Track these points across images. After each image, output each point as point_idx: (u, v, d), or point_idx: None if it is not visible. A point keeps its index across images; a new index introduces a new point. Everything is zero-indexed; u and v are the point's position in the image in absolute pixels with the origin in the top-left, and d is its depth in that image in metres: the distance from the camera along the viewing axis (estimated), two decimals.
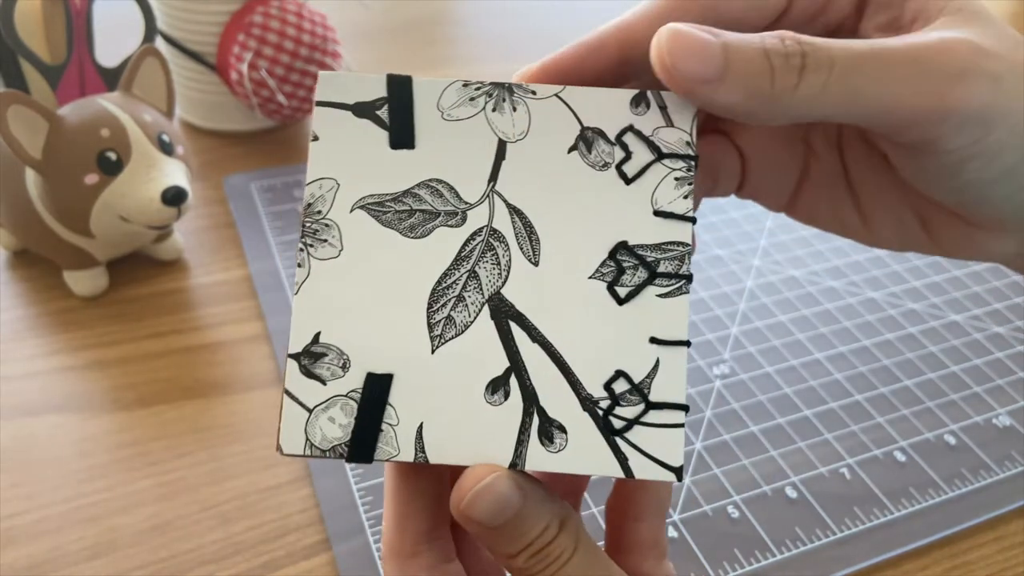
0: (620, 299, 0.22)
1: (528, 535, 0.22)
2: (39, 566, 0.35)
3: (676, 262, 0.23)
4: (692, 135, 0.23)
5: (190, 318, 0.47)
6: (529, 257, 0.22)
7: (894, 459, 0.41)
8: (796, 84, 0.21)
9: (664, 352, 0.22)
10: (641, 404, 0.22)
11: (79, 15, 0.45)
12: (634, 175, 0.23)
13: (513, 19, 0.81)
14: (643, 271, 0.22)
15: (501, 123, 0.23)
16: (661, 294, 0.22)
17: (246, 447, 0.40)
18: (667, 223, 0.23)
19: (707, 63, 0.21)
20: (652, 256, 0.23)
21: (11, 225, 0.47)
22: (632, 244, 0.23)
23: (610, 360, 0.22)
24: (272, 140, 0.61)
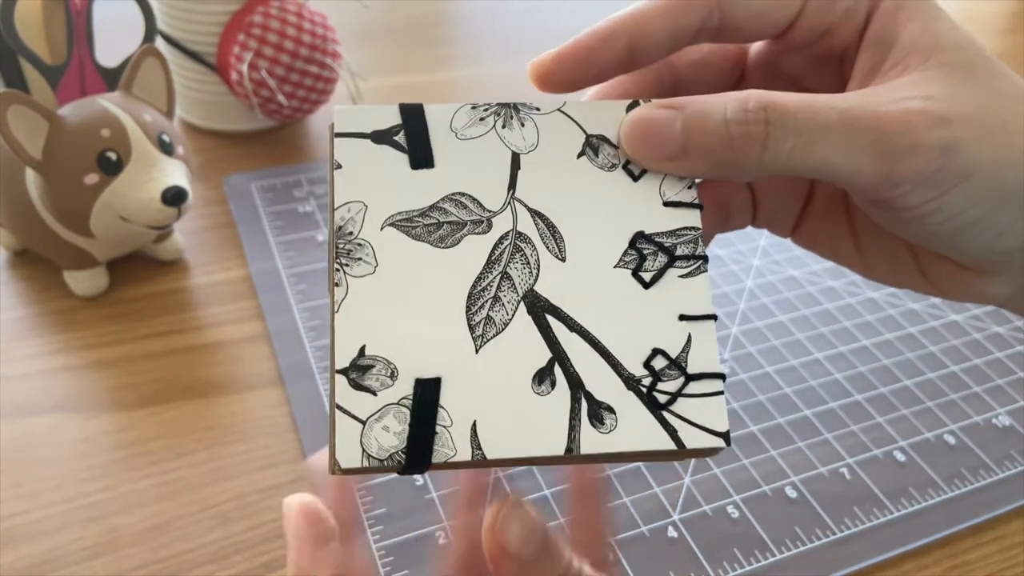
0: (645, 283, 0.23)
1: (561, 559, 0.23)
2: (39, 566, 0.35)
3: (691, 244, 0.24)
4: None
5: (190, 318, 0.47)
6: (556, 254, 0.24)
7: (894, 459, 0.41)
8: (759, 153, 0.23)
9: (694, 327, 0.23)
10: (681, 377, 0.23)
11: (79, 15, 0.45)
12: (640, 172, 0.24)
13: (513, 19, 0.81)
14: (663, 255, 0.24)
15: (512, 138, 0.24)
16: (683, 275, 0.24)
17: (246, 447, 0.40)
18: (677, 211, 0.24)
19: (667, 144, 0.23)
20: (669, 242, 0.24)
21: (11, 225, 0.47)
22: (649, 233, 0.24)
23: (645, 340, 0.23)
24: (272, 140, 0.61)
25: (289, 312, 0.47)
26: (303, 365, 0.44)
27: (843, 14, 0.26)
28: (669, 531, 0.37)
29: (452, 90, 0.69)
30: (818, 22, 0.26)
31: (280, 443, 0.40)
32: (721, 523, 0.38)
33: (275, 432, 0.41)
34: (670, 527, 0.37)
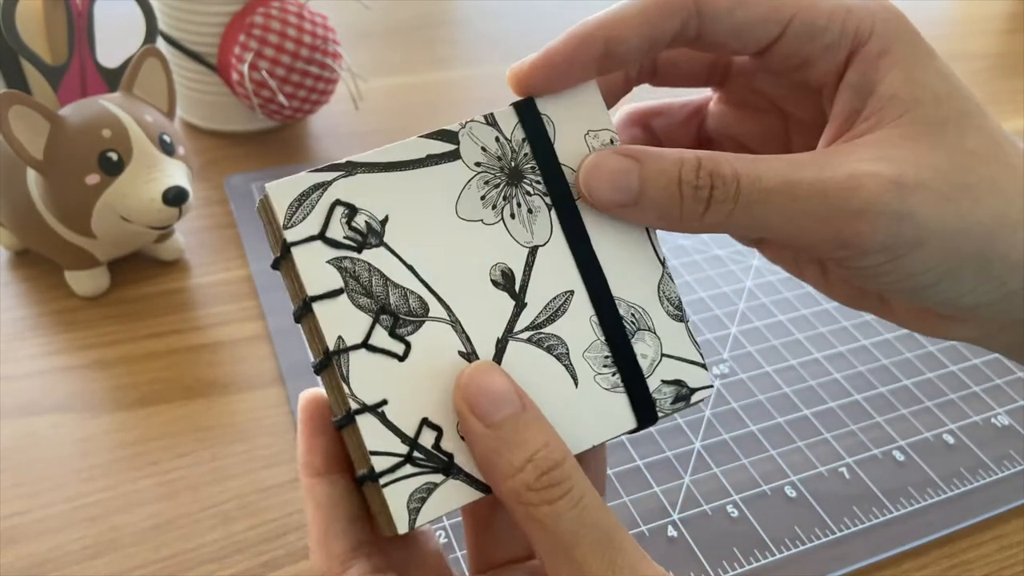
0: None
1: (530, 443, 0.23)
2: (40, 565, 0.35)
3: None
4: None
5: (191, 318, 0.47)
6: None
7: (893, 458, 0.41)
8: (703, 213, 0.24)
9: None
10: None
11: (80, 16, 0.45)
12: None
13: (513, 20, 0.81)
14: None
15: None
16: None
17: (246, 446, 0.40)
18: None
19: (623, 193, 0.24)
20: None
21: (13, 225, 0.47)
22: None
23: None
24: (273, 140, 0.61)
25: (289, 312, 0.47)
26: (303, 365, 0.44)
27: (823, 49, 0.25)
28: (669, 531, 0.37)
29: (452, 90, 0.69)
30: (797, 50, 0.25)
31: (280, 443, 0.41)
32: (721, 523, 0.38)
33: (275, 432, 0.41)
34: (670, 526, 0.38)
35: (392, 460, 0.24)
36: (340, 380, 0.24)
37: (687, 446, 0.41)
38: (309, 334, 0.25)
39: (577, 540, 0.22)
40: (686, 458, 0.41)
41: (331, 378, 0.24)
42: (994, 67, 0.79)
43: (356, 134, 0.63)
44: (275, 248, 0.25)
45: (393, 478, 0.23)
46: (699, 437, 0.42)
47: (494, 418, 0.23)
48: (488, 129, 0.25)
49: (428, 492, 0.24)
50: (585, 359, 0.26)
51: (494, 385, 0.23)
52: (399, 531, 0.23)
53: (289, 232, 0.24)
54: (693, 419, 0.43)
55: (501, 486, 0.23)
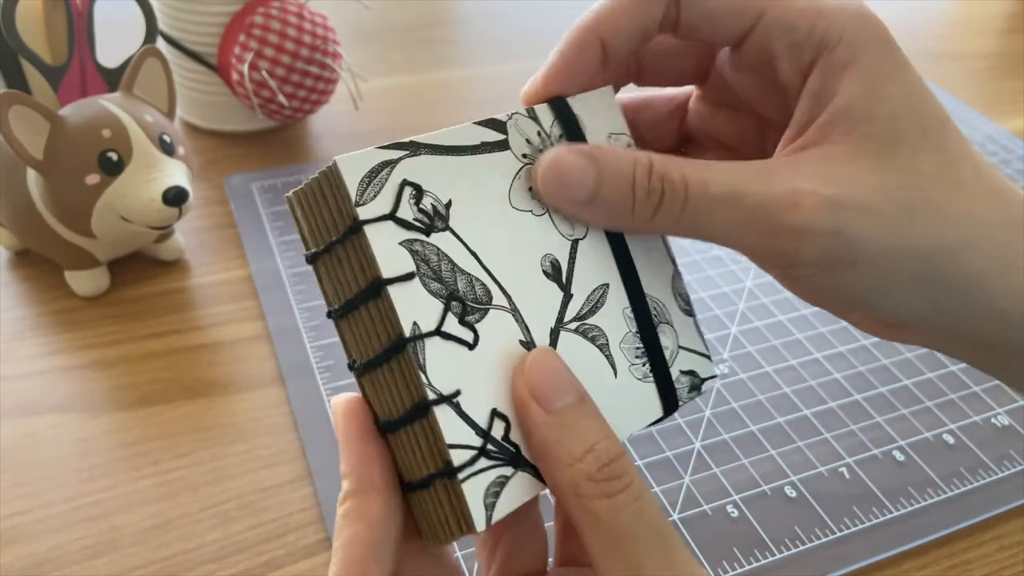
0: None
1: (590, 434, 0.22)
2: (40, 565, 0.35)
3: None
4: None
5: (191, 318, 0.47)
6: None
7: (893, 458, 0.41)
8: (652, 216, 0.24)
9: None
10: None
11: (80, 16, 0.45)
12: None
13: (513, 20, 0.81)
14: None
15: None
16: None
17: (246, 447, 0.40)
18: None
19: (579, 191, 0.24)
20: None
21: (13, 225, 0.47)
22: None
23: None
24: (273, 140, 0.61)
25: (289, 312, 0.47)
26: (303, 365, 0.44)
27: (790, 47, 0.25)
28: None
29: (452, 90, 0.69)
30: (766, 45, 0.26)
31: (280, 443, 0.41)
32: (721, 522, 0.38)
33: (275, 432, 0.41)
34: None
35: (469, 453, 0.22)
36: (415, 369, 0.22)
37: (687, 446, 0.41)
38: (364, 326, 0.23)
39: (635, 537, 0.22)
40: (686, 458, 0.41)
41: (390, 373, 0.23)
42: (994, 67, 0.79)
43: (356, 134, 0.63)
44: (328, 232, 0.23)
45: (471, 472, 0.22)
46: (699, 437, 0.42)
47: (555, 405, 0.23)
48: (530, 122, 0.26)
49: (501, 486, 0.23)
50: (621, 350, 0.26)
51: (556, 372, 0.23)
52: (477, 528, 0.22)
53: (362, 209, 0.22)
54: (693, 419, 0.43)
55: (558, 476, 0.22)
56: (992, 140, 0.67)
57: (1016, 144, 0.67)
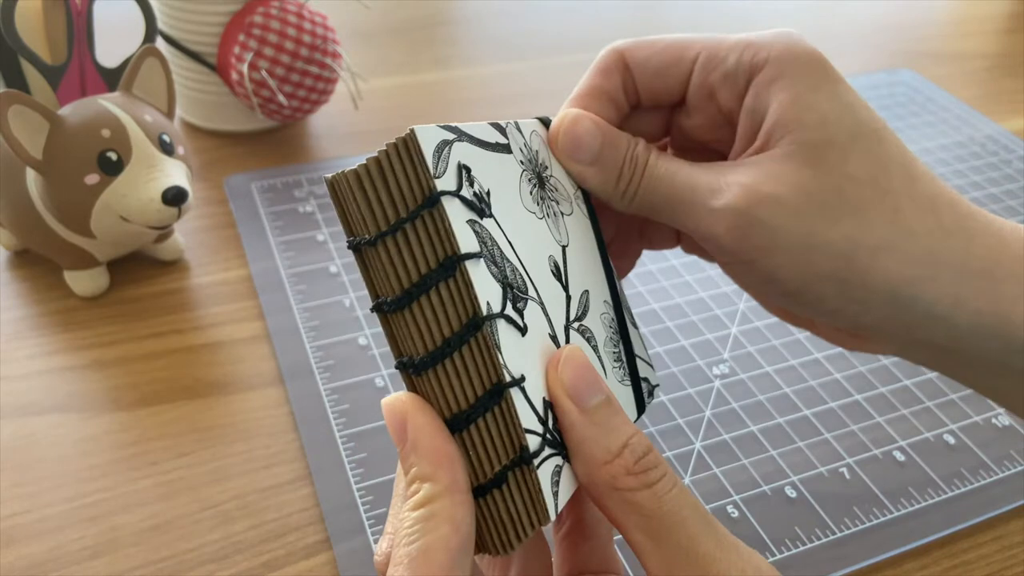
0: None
1: (623, 429, 0.23)
2: (40, 565, 0.35)
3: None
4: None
5: (190, 318, 0.47)
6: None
7: (893, 459, 0.41)
8: (629, 188, 0.28)
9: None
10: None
11: (80, 15, 0.45)
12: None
13: (513, 19, 0.81)
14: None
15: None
16: None
17: (246, 447, 0.40)
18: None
19: (586, 151, 0.28)
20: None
21: (12, 225, 0.47)
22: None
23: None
24: (272, 140, 0.61)
25: (289, 312, 0.47)
26: (303, 365, 0.44)
27: (724, 77, 0.28)
28: None
29: (452, 90, 0.69)
30: (704, 81, 0.28)
31: (280, 443, 0.41)
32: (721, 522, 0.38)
33: (275, 432, 0.41)
34: None
35: (538, 440, 0.21)
36: (492, 349, 0.20)
37: (687, 446, 0.41)
38: (428, 311, 0.21)
39: (683, 519, 0.22)
40: (686, 458, 0.41)
41: (464, 357, 0.21)
42: (994, 67, 0.79)
43: (356, 134, 0.63)
44: (388, 212, 0.21)
45: (542, 458, 0.21)
46: (699, 437, 0.42)
47: (589, 403, 0.23)
48: (518, 134, 0.26)
49: (558, 475, 0.22)
50: (605, 352, 0.27)
51: (587, 369, 0.23)
52: (551, 517, 0.21)
53: (439, 182, 0.21)
54: (693, 419, 0.43)
55: (596, 473, 0.22)
56: (992, 140, 0.67)
57: (1016, 144, 0.67)
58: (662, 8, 0.85)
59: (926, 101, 0.72)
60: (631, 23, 0.81)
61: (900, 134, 0.67)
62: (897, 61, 0.78)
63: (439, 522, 0.21)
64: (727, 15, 0.84)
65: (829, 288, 0.26)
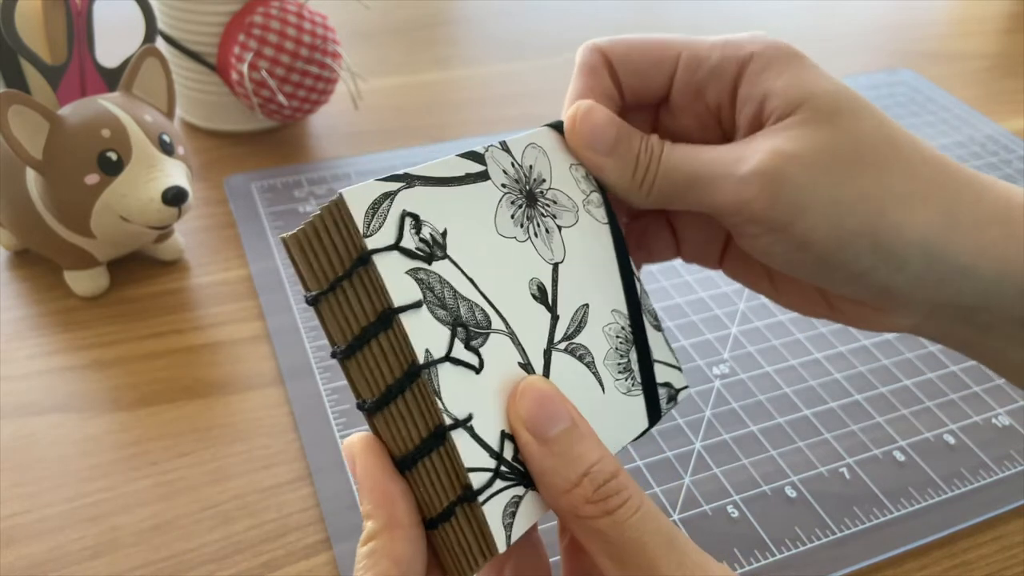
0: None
1: (585, 457, 0.23)
2: (40, 565, 0.35)
3: None
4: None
5: (190, 318, 0.47)
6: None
7: (893, 459, 0.41)
8: (650, 184, 0.28)
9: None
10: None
11: (80, 15, 0.45)
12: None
13: (513, 19, 0.81)
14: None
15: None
16: None
17: (246, 447, 0.40)
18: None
19: (602, 141, 0.28)
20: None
21: (12, 225, 0.47)
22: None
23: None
24: (272, 140, 0.61)
25: (289, 312, 0.47)
26: (303, 365, 0.44)
27: (710, 73, 0.29)
28: None
29: (452, 90, 0.69)
30: (690, 80, 0.29)
31: (280, 443, 0.41)
32: (721, 523, 0.38)
33: (275, 432, 0.41)
34: None
35: (486, 476, 0.23)
36: (431, 395, 0.22)
37: (687, 446, 0.41)
38: (373, 361, 0.23)
39: (642, 546, 0.23)
40: (686, 458, 0.41)
41: (403, 405, 0.23)
42: (994, 67, 0.79)
43: (356, 134, 0.63)
44: (333, 268, 0.23)
45: (489, 494, 0.23)
46: (699, 437, 0.42)
47: (549, 434, 0.23)
48: (504, 155, 0.27)
49: (516, 505, 0.24)
50: (606, 366, 0.27)
51: (546, 400, 0.23)
52: (499, 550, 0.23)
53: (370, 240, 0.22)
54: (693, 419, 0.43)
55: (558, 501, 0.23)
56: (992, 140, 0.67)
57: (1016, 144, 0.67)
58: (662, 8, 0.85)
59: (926, 101, 0.72)
60: (631, 23, 0.81)
61: None
62: (897, 61, 0.78)
63: (379, 558, 0.22)
64: (727, 15, 0.84)
65: (863, 244, 0.26)
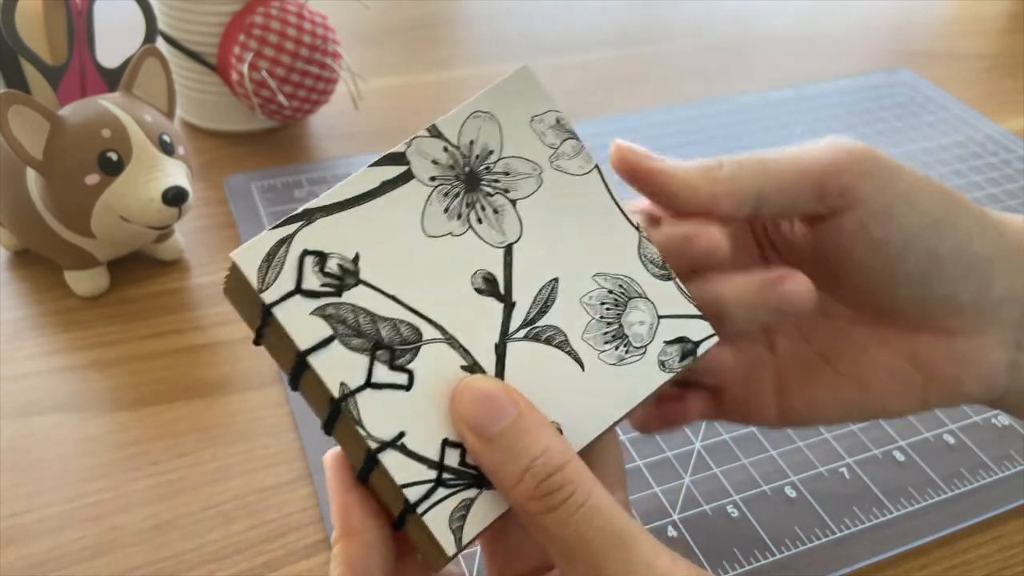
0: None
1: (527, 452, 0.23)
2: (40, 565, 0.35)
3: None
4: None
5: (191, 318, 0.47)
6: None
7: (893, 458, 0.41)
8: (713, 181, 0.27)
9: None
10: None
11: (80, 15, 0.45)
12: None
13: (513, 19, 0.81)
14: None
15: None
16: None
17: (246, 447, 0.40)
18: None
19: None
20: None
21: (12, 225, 0.47)
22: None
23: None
24: (273, 140, 0.61)
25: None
26: None
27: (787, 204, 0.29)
28: (669, 531, 0.37)
29: (452, 90, 0.69)
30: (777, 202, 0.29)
31: (280, 443, 0.41)
32: (721, 523, 0.38)
33: (275, 432, 0.41)
34: (670, 527, 0.38)
35: (424, 488, 0.24)
36: (354, 425, 0.23)
37: (687, 446, 0.41)
38: (311, 392, 0.24)
39: (585, 544, 0.22)
40: (686, 458, 0.41)
41: (344, 428, 0.24)
42: (994, 67, 0.79)
43: (356, 134, 0.63)
44: (254, 319, 0.24)
45: (429, 504, 0.23)
46: (699, 437, 0.42)
47: (491, 432, 0.23)
48: (434, 141, 0.26)
49: (467, 508, 0.24)
50: (585, 341, 0.26)
51: (485, 398, 0.23)
52: (448, 554, 0.23)
53: (266, 294, 0.23)
54: None
55: (509, 497, 0.23)
56: (992, 140, 0.67)
57: (1016, 144, 0.67)
58: (662, 8, 0.85)
59: (926, 101, 0.72)
60: (631, 23, 0.81)
61: (900, 134, 0.67)
62: (897, 61, 0.78)
63: (337, 563, 0.24)
64: (727, 15, 0.84)
65: (946, 227, 0.27)
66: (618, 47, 0.77)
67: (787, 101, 0.70)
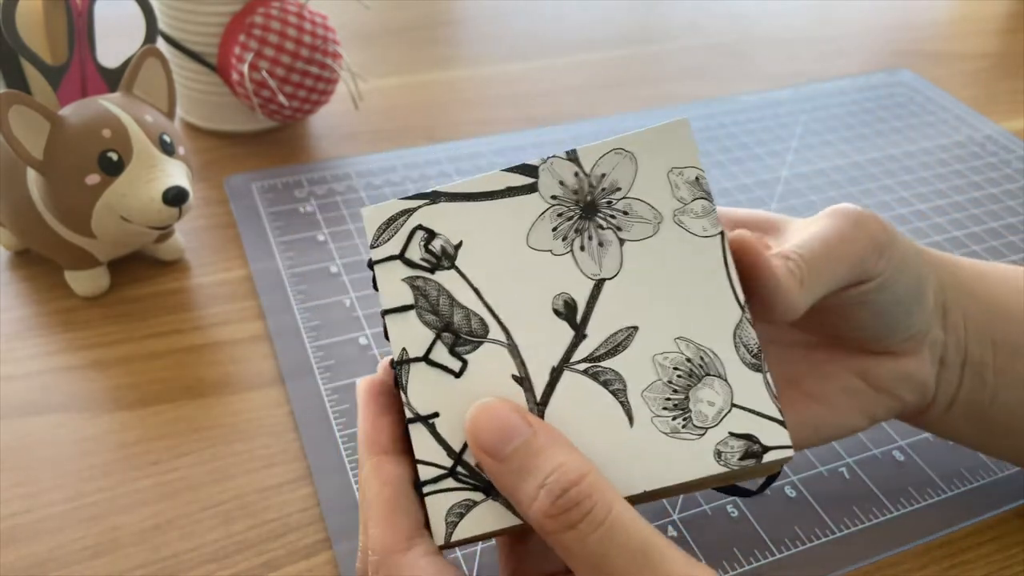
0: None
1: (541, 469, 0.22)
2: (40, 565, 0.35)
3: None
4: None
5: (191, 318, 0.47)
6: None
7: (893, 458, 0.41)
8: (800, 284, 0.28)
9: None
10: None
11: (80, 15, 0.45)
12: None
13: (514, 20, 0.81)
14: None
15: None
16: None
17: (247, 447, 0.40)
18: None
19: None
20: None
21: (12, 225, 0.47)
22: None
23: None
24: (273, 140, 0.61)
25: (290, 312, 0.47)
26: (303, 365, 0.44)
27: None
28: (669, 531, 0.37)
29: (452, 90, 0.69)
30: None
31: (280, 443, 0.41)
32: (721, 523, 0.38)
33: (275, 432, 0.41)
34: (670, 527, 0.38)
35: (435, 471, 0.25)
36: (399, 389, 0.25)
37: None
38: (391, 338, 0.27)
39: (607, 561, 0.22)
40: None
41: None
42: (994, 67, 0.79)
43: (356, 134, 0.63)
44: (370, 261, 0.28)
45: (435, 489, 0.25)
46: None
47: (504, 452, 0.23)
48: (568, 164, 0.26)
49: (467, 508, 0.24)
50: (644, 398, 0.25)
51: (498, 418, 0.23)
52: (436, 542, 0.24)
53: (374, 251, 0.27)
54: None
55: (527, 517, 0.23)
56: (992, 140, 0.67)
57: (1016, 144, 0.67)
58: (662, 8, 0.85)
59: (926, 101, 0.72)
60: (631, 23, 0.81)
61: (899, 134, 0.67)
62: (897, 61, 0.78)
63: (370, 477, 0.25)
64: (727, 15, 0.84)
65: (926, 293, 0.31)
66: (618, 47, 0.77)
67: (787, 101, 0.70)
